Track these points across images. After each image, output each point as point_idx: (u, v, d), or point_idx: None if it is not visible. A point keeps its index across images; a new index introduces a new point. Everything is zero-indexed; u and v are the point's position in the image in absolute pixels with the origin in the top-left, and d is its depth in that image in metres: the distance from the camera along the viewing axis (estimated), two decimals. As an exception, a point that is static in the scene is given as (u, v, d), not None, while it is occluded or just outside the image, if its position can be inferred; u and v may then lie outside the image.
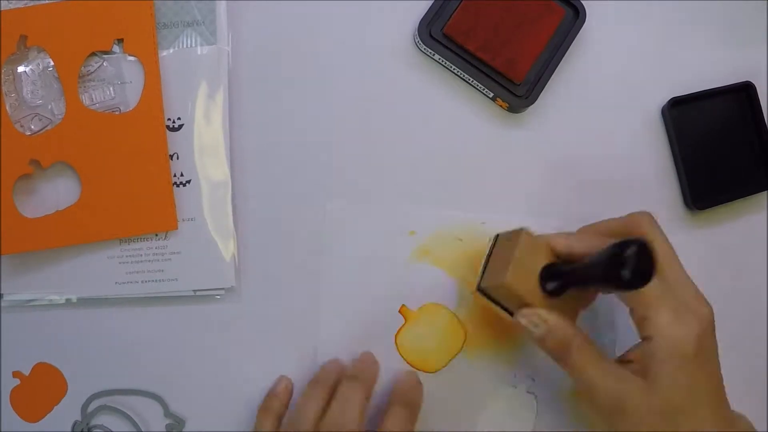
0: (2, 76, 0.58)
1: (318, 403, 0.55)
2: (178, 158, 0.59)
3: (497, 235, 0.56)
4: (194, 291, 0.59)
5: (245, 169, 0.60)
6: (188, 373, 0.59)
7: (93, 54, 0.59)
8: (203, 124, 0.59)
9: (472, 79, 0.61)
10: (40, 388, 0.59)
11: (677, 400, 0.49)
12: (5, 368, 0.59)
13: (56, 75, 0.58)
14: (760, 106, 0.64)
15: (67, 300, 0.59)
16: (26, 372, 0.59)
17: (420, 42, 0.61)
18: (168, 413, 0.59)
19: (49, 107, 0.58)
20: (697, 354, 0.48)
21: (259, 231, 0.60)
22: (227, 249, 0.59)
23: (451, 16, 0.61)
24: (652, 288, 0.49)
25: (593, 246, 0.51)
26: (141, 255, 0.59)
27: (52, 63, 0.58)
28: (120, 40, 0.59)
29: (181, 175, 0.59)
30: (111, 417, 0.59)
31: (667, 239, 0.53)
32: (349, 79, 0.62)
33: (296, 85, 0.61)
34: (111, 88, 0.59)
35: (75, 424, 0.59)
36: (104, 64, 0.59)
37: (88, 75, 0.59)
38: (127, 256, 0.58)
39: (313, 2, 0.62)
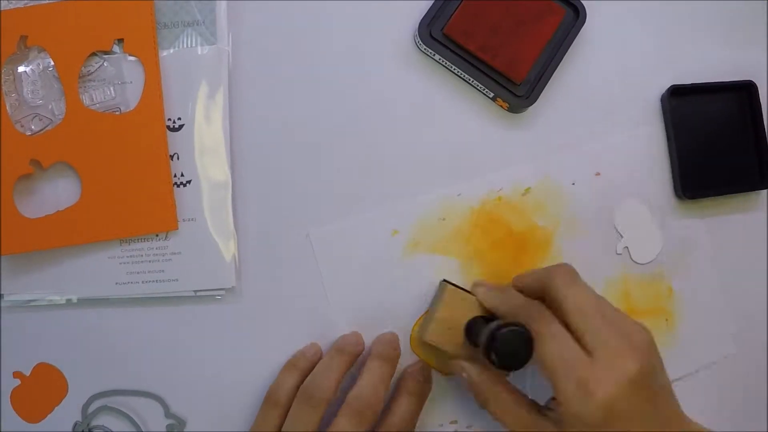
0: (2, 76, 0.58)
1: (339, 371, 0.56)
2: (178, 158, 0.59)
3: (442, 281, 0.60)
4: (195, 291, 0.59)
5: (246, 169, 0.60)
6: (189, 374, 0.59)
7: (93, 54, 0.59)
8: (203, 124, 0.59)
9: (472, 79, 0.61)
10: (40, 389, 0.59)
11: None
12: (6, 369, 0.59)
13: (56, 75, 0.58)
14: (760, 106, 0.64)
15: (68, 300, 0.59)
16: (27, 372, 0.59)
17: (420, 42, 0.61)
18: (169, 414, 0.59)
19: (50, 107, 0.58)
20: (606, 420, 0.47)
21: (260, 231, 0.60)
22: (228, 249, 0.59)
23: (451, 17, 0.61)
24: (553, 355, 0.49)
25: (512, 305, 0.55)
26: (141, 255, 0.58)
27: (52, 63, 0.58)
28: (120, 40, 0.59)
29: (182, 175, 0.59)
30: (112, 417, 0.59)
31: (581, 293, 0.52)
32: (349, 79, 0.62)
33: (296, 85, 0.61)
34: (111, 88, 0.59)
35: (76, 424, 0.59)
36: (104, 64, 0.59)
37: (88, 75, 0.59)
38: (127, 257, 0.58)
39: (314, 2, 0.62)
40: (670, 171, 0.64)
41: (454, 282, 0.60)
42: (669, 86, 0.63)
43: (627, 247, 0.63)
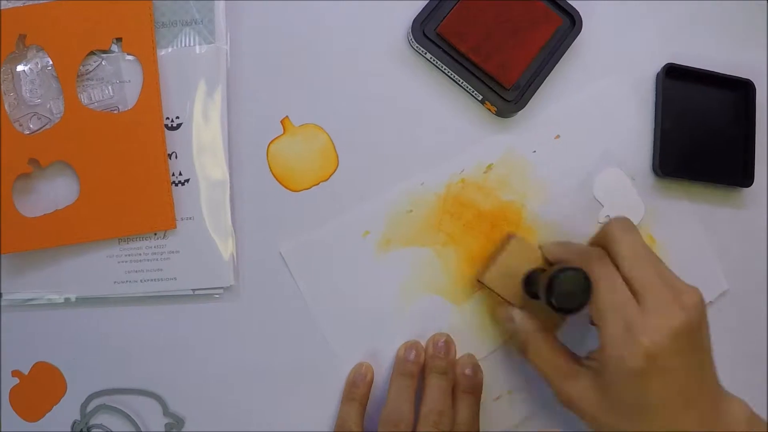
0: (1, 75, 0.57)
1: (410, 398, 0.57)
2: (176, 157, 0.59)
3: (508, 233, 0.61)
4: (193, 290, 0.59)
5: (244, 168, 0.60)
6: (187, 373, 0.60)
7: (92, 53, 0.58)
8: (202, 123, 0.59)
9: (462, 81, 0.61)
10: (39, 388, 0.59)
11: (627, 408, 0.50)
12: (5, 367, 0.59)
13: (55, 74, 0.58)
14: (755, 107, 0.64)
15: (66, 299, 0.59)
16: (26, 371, 0.59)
17: (413, 40, 0.61)
18: (167, 412, 0.59)
19: (48, 106, 0.58)
20: (647, 368, 0.48)
21: (258, 230, 0.60)
22: (226, 248, 0.59)
23: (445, 16, 0.61)
24: (606, 297, 0.50)
25: (574, 251, 0.55)
26: (140, 254, 0.59)
27: (50, 62, 0.58)
28: (119, 39, 0.59)
29: (180, 174, 0.59)
30: (110, 416, 0.59)
31: (638, 242, 0.52)
32: (345, 76, 0.62)
33: (294, 83, 0.62)
34: (110, 87, 0.59)
35: (74, 423, 0.59)
36: (103, 63, 0.59)
37: (86, 74, 0.58)
38: (125, 256, 0.59)
39: (311, 1, 0.62)
40: (651, 145, 0.64)
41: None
42: (665, 64, 0.63)
43: (608, 216, 0.63)
